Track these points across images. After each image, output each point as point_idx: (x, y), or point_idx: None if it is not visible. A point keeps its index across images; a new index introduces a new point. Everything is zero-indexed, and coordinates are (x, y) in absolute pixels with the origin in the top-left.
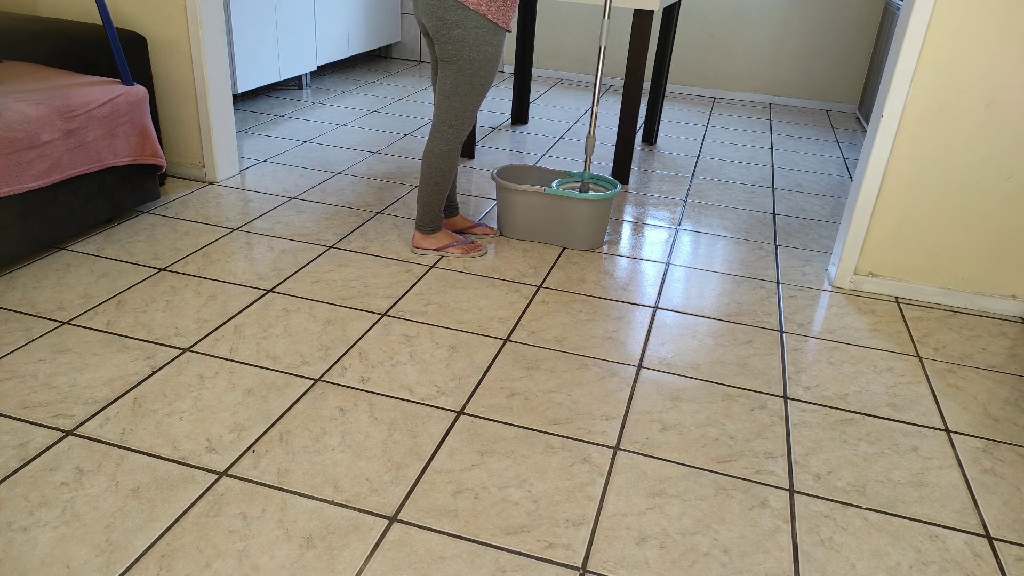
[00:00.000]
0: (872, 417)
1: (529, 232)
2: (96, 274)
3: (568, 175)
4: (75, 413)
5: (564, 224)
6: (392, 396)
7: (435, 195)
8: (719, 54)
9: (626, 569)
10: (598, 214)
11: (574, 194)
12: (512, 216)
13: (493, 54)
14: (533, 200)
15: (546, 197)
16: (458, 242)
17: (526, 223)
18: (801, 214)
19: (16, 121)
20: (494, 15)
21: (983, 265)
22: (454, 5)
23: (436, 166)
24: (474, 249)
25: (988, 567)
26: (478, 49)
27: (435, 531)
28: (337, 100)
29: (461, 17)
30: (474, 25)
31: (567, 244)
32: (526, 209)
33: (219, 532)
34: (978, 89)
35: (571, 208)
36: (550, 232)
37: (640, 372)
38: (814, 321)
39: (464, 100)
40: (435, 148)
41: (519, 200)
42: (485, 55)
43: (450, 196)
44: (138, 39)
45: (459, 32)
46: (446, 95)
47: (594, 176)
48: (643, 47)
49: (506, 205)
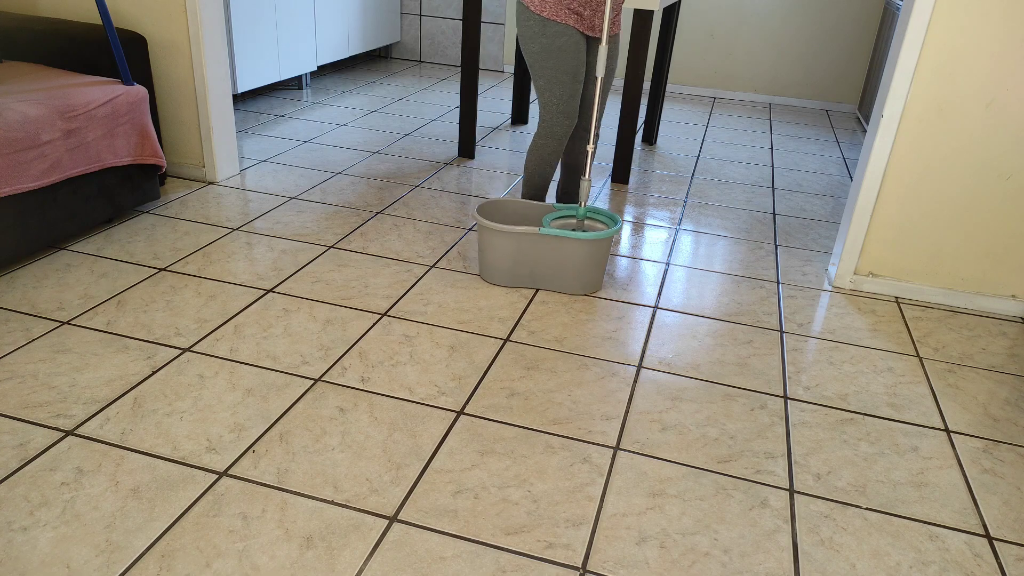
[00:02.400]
0: (872, 417)
1: (516, 277)
2: (96, 274)
3: (558, 208)
4: (75, 413)
5: (558, 267)
6: (392, 396)
7: (528, 186)
8: (719, 54)
9: (626, 569)
10: (597, 255)
11: (571, 234)
12: (496, 260)
13: (549, 46)
14: (523, 242)
15: (537, 239)
16: None
17: (514, 267)
18: (801, 214)
19: (16, 121)
20: (537, 7)
21: (983, 265)
22: (519, 3)
23: (529, 157)
24: None
25: (988, 567)
26: (532, 41)
27: (435, 531)
28: (337, 100)
29: (519, 12)
30: (524, 19)
31: (560, 288)
32: (514, 252)
33: (219, 532)
34: (978, 89)
35: (566, 249)
36: (541, 276)
37: (640, 372)
38: (814, 321)
39: (543, 94)
40: (533, 141)
41: (505, 243)
42: (541, 46)
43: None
44: (138, 39)
45: (520, 28)
46: (536, 90)
47: (591, 210)
48: (643, 47)
49: (489, 248)
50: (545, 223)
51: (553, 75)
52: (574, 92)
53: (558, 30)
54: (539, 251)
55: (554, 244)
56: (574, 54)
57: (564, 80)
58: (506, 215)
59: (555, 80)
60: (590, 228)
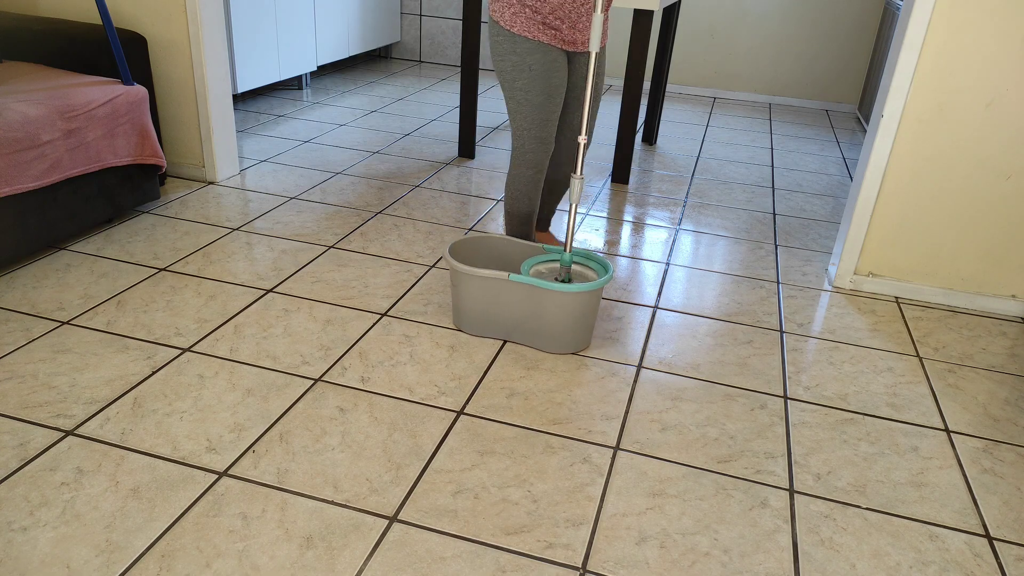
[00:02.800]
0: (872, 417)
1: (489, 327)
2: (96, 274)
3: (545, 251)
4: (75, 413)
5: (535, 321)
6: (392, 396)
7: (509, 222)
8: (719, 54)
9: (626, 569)
10: (584, 310)
11: (546, 284)
12: (465, 306)
13: (520, 64)
14: (494, 289)
15: (512, 287)
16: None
17: (485, 316)
18: (801, 214)
19: (16, 121)
20: (507, 22)
21: (983, 265)
22: (489, 18)
23: (506, 190)
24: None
25: (988, 567)
26: (502, 59)
27: (435, 531)
28: (337, 100)
29: (489, 28)
30: (493, 34)
31: (539, 346)
32: (485, 299)
33: (219, 532)
34: (978, 89)
35: (546, 302)
36: (516, 330)
37: (640, 372)
38: (814, 321)
39: (515, 117)
40: (508, 172)
41: (473, 289)
42: (512, 65)
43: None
44: (138, 39)
45: (489, 43)
46: (508, 114)
47: (579, 253)
48: (643, 47)
49: (457, 292)
50: (523, 269)
51: (525, 96)
52: (549, 115)
53: (530, 47)
54: (513, 301)
55: (531, 294)
56: (549, 73)
57: (538, 102)
58: (486, 254)
59: (527, 102)
60: (579, 276)
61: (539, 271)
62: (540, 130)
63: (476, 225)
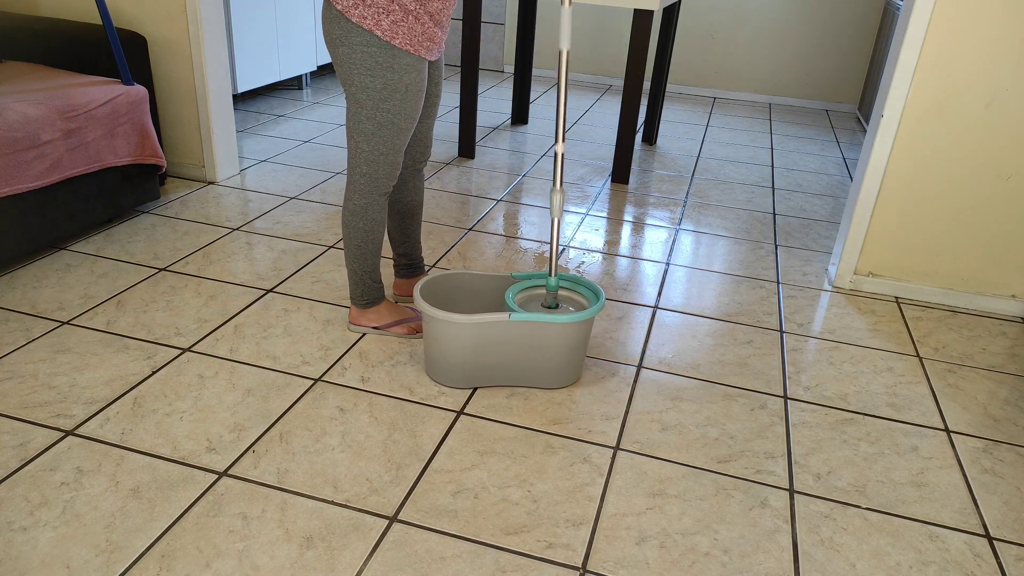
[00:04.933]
0: (872, 417)
1: (472, 376)
2: (96, 274)
3: (529, 278)
4: (75, 413)
5: (529, 359)
6: (392, 396)
7: (359, 260)
8: (719, 54)
9: (626, 569)
10: (578, 339)
11: (545, 317)
12: (447, 356)
13: (395, 83)
14: (487, 333)
15: (505, 327)
16: (407, 319)
17: (472, 364)
18: (801, 214)
19: (16, 121)
20: (386, 32)
21: (983, 265)
22: (337, 16)
23: (352, 224)
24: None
25: (988, 567)
26: (371, 74)
27: (435, 531)
28: (337, 100)
29: (345, 31)
30: (361, 43)
31: (531, 383)
32: (475, 346)
33: (219, 532)
34: (978, 89)
35: (544, 336)
36: (506, 372)
37: (640, 372)
38: (814, 321)
39: (372, 140)
40: (348, 202)
41: (464, 336)
42: (384, 83)
43: (410, 252)
44: (138, 39)
45: (344, 51)
46: (350, 133)
47: (567, 280)
48: (643, 47)
49: (437, 342)
50: (509, 302)
51: (392, 119)
52: (407, 139)
53: (409, 63)
54: (507, 341)
55: (525, 331)
56: (420, 94)
57: (404, 126)
58: (452, 294)
59: (391, 125)
60: (565, 300)
61: (521, 299)
62: (396, 155)
63: (476, 225)
